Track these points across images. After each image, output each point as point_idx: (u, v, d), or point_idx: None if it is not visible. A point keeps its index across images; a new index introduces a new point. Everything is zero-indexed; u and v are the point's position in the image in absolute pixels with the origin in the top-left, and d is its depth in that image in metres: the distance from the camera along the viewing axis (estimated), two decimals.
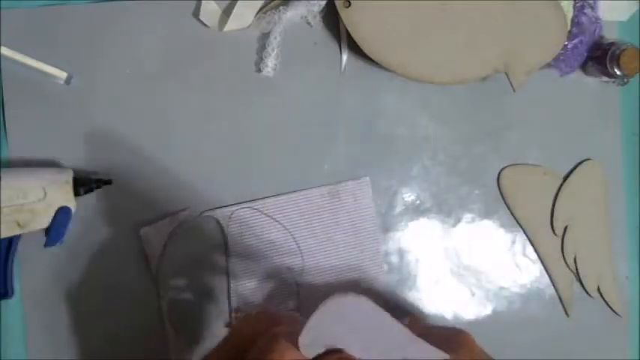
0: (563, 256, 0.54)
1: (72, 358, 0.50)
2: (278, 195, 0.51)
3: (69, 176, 0.47)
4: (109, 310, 0.50)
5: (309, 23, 0.52)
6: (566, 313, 0.55)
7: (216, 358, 0.36)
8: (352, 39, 0.49)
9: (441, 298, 0.54)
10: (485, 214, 0.54)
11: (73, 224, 0.49)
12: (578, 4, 0.52)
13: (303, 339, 0.33)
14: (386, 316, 0.35)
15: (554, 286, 0.55)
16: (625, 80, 0.53)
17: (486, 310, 0.54)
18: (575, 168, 0.55)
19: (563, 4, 0.51)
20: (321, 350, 0.34)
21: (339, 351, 0.34)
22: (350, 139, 0.53)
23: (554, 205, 0.54)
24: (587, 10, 0.52)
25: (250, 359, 0.34)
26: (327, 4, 0.50)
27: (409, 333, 0.35)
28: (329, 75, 0.53)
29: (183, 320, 0.50)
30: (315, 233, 0.52)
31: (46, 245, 0.47)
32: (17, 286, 0.49)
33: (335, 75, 0.53)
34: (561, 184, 0.55)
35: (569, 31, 0.52)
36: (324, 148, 0.52)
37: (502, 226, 0.54)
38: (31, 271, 0.50)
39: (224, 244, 0.51)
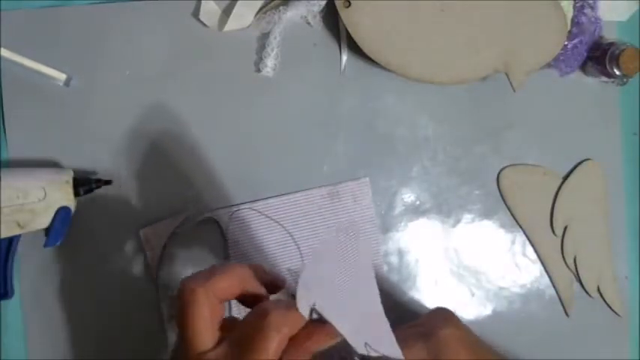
0: (562, 256, 0.54)
1: (72, 358, 0.50)
2: (278, 196, 0.51)
3: (69, 176, 0.47)
4: (108, 311, 0.50)
5: (309, 23, 0.52)
6: (566, 313, 0.55)
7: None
8: (352, 39, 0.49)
9: (441, 298, 0.54)
10: (485, 214, 0.54)
11: (73, 224, 0.49)
12: (578, 4, 0.52)
13: (304, 278, 0.33)
14: (373, 286, 0.35)
15: (554, 286, 0.55)
16: (624, 80, 0.53)
17: (486, 310, 0.54)
18: (575, 168, 0.55)
19: (563, 4, 0.51)
20: (312, 304, 0.33)
21: (322, 323, 0.34)
22: (350, 139, 0.53)
23: (553, 205, 0.54)
24: (587, 10, 0.52)
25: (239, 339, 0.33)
26: (327, 4, 0.50)
27: (384, 318, 0.36)
28: (329, 75, 0.53)
29: None
30: (315, 234, 0.52)
31: (46, 245, 0.47)
32: (17, 286, 0.49)
33: (335, 75, 0.53)
34: (561, 184, 0.54)
35: (569, 31, 0.52)
36: (323, 148, 0.52)
37: (502, 226, 0.54)
38: (31, 271, 0.50)
39: (224, 245, 0.51)
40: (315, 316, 0.34)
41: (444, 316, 0.44)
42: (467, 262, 0.54)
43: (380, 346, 0.35)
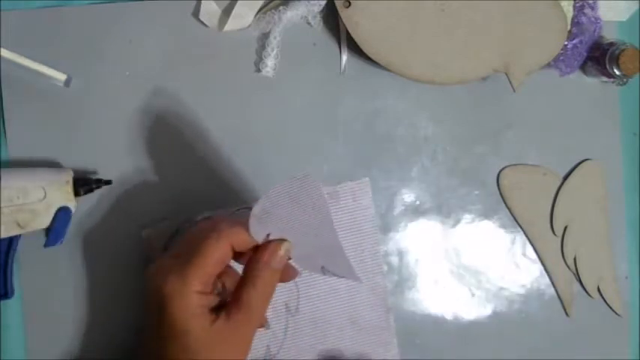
0: (563, 256, 0.54)
1: (72, 358, 0.50)
2: None
3: (69, 176, 0.47)
4: (108, 311, 0.50)
5: (309, 23, 0.52)
6: (566, 313, 0.55)
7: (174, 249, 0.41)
8: (352, 39, 0.49)
9: (441, 298, 0.54)
10: (485, 214, 0.54)
11: (73, 224, 0.49)
12: (578, 4, 0.52)
13: (256, 210, 0.37)
14: (327, 217, 0.38)
15: (554, 286, 0.55)
16: (624, 80, 0.53)
17: (486, 310, 0.54)
18: (575, 168, 0.55)
19: (563, 4, 0.51)
20: (266, 233, 0.38)
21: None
22: (349, 139, 0.53)
23: (553, 205, 0.54)
24: (587, 10, 0.52)
25: (191, 247, 0.38)
26: (327, 4, 0.50)
27: (339, 244, 0.39)
28: (329, 75, 0.53)
29: None
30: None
31: (46, 245, 0.47)
32: (17, 286, 0.49)
33: (335, 75, 0.53)
34: (561, 184, 0.55)
35: (569, 31, 0.52)
36: (323, 148, 0.52)
37: (502, 226, 0.54)
38: (31, 271, 0.50)
39: None
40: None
41: None
42: (467, 262, 0.54)
43: (337, 269, 0.39)
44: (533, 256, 0.55)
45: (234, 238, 0.38)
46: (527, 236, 0.55)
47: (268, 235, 0.38)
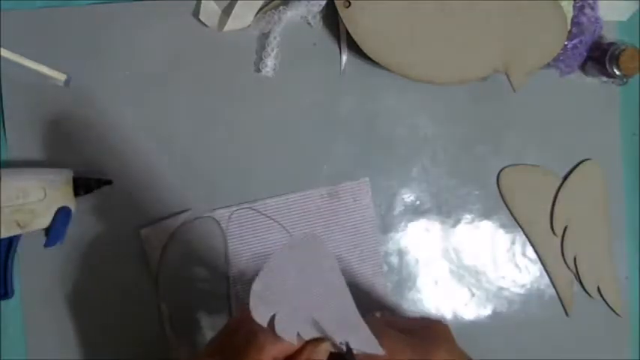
0: (562, 256, 0.54)
1: (72, 358, 0.50)
2: (277, 196, 0.51)
3: (69, 176, 0.47)
4: (108, 311, 0.50)
5: (309, 23, 0.52)
6: (566, 313, 0.55)
7: (210, 349, 0.38)
8: (352, 39, 0.49)
9: (441, 298, 0.54)
10: (485, 214, 0.54)
11: (73, 224, 0.49)
12: (578, 4, 0.52)
13: (256, 286, 0.34)
14: (341, 283, 0.35)
15: (554, 286, 0.55)
16: (624, 80, 0.53)
17: (486, 310, 0.54)
18: (574, 168, 0.55)
19: (563, 4, 0.51)
20: (271, 313, 0.35)
21: (319, 340, 0.36)
22: (349, 139, 0.53)
23: (553, 206, 0.54)
24: (587, 10, 0.52)
25: (229, 356, 0.35)
26: (327, 4, 0.50)
27: (358, 315, 0.36)
28: (329, 75, 0.53)
29: (183, 321, 0.50)
30: (315, 234, 0.52)
31: (46, 245, 0.47)
32: (17, 286, 0.49)
33: (335, 75, 0.53)
34: (561, 185, 0.55)
35: (569, 31, 0.52)
36: (323, 148, 0.52)
37: (502, 226, 0.54)
38: (31, 271, 0.50)
39: (224, 245, 0.51)
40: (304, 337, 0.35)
41: (441, 335, 0.41)
42: (467, 262, 0.54)
43: (357, 343, 0.36)
44: (533, 256, 0.55)
45: (276, 352, 0.36)
46: (527, 236, 0.55)
47: (298, 333, 0.36)
